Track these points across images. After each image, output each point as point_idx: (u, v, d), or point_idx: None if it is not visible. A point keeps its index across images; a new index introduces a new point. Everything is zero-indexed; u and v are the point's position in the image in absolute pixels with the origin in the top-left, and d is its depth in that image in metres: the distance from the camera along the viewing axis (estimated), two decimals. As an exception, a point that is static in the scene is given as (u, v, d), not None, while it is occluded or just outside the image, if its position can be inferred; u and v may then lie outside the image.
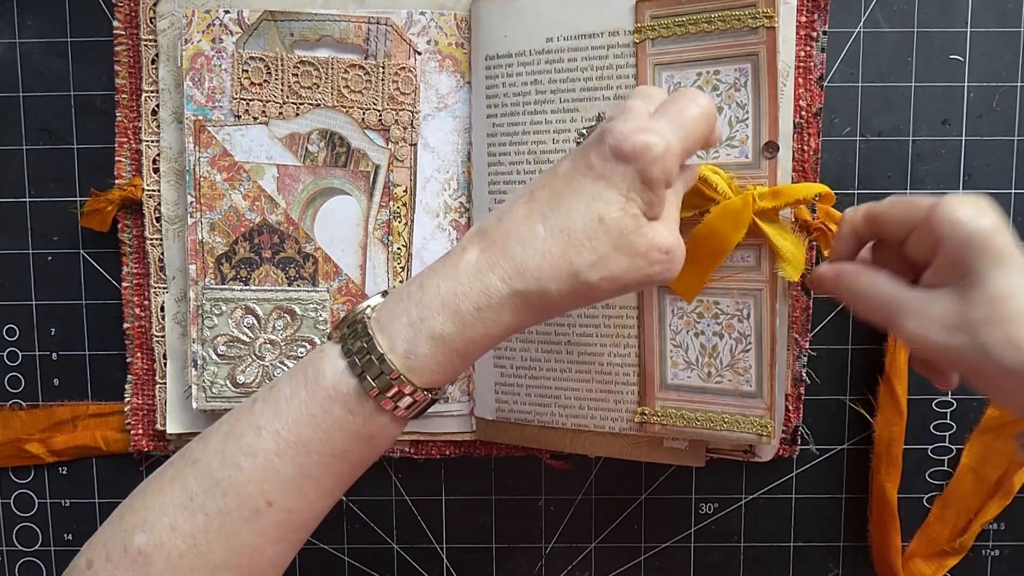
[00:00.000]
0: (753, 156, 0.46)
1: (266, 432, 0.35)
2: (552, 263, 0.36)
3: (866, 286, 0.40)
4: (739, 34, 0.45)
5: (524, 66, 0.50)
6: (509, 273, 0.36)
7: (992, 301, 0.35)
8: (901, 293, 0.39)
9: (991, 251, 0.35)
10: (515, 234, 0.36)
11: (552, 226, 0.36)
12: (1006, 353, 0.34)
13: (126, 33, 0.53)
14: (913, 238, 0.39)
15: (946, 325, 0.36)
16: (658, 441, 0.52)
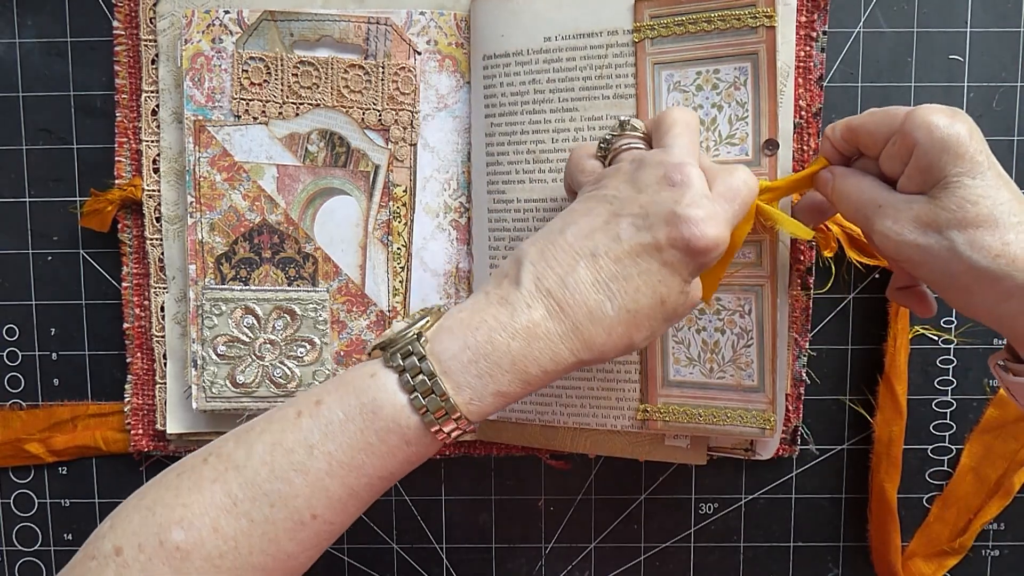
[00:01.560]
0: (753, 154, 0.46)
1: (319, 452, 0.36)
2: (616, 340, 0.38)
3: (852, 185, 0.42)
4: (739, 33, 0.46)
5: (522, 66, 0.50)
6: (579, 347, 0.38)
7: (961, 204, 0.37)
8: (882, 194, 0.40)
9: (963, 156, 0.37)
10: (584, 308, 0.38)
11: (620, 307, 0.38)
12: (973, 253, 0.37)
13: (126, 33, 0.53)
14: (888, 148, 0.40)
15: (919, 225, 0.38)
16: (659, 439, 0.52)
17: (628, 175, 0.39)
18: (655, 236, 0.37)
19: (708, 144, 0.47)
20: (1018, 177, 0.53)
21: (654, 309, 0.38)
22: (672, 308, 0.39)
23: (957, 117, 0.38)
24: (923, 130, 0.38)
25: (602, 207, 0.39)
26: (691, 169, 0.38)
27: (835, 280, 0.54)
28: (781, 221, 0.44)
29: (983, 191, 0.37)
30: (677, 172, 0.38)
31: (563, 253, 0.38)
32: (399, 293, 0.53)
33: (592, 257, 0.38)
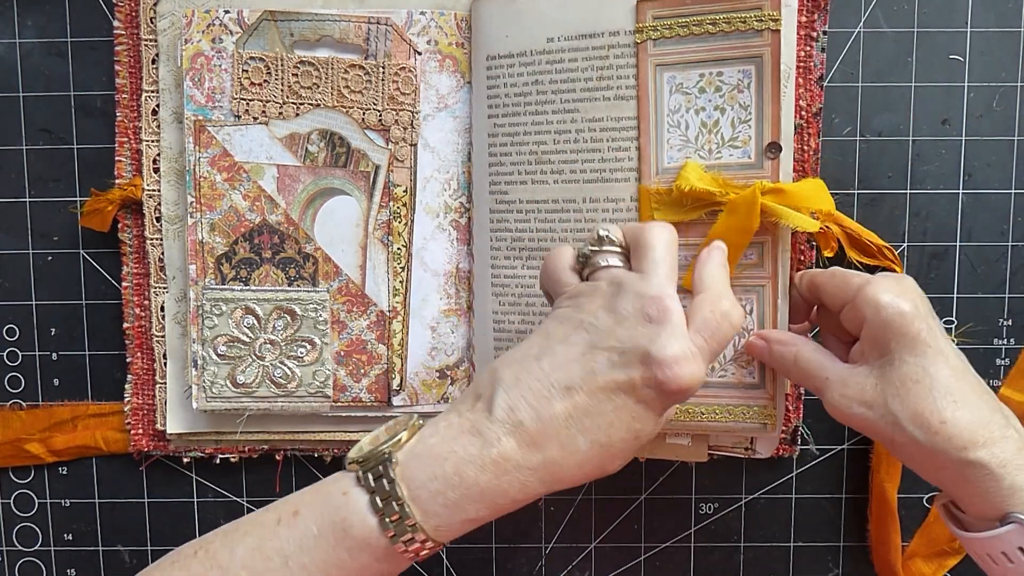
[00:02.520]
0: (756, 157, 0.46)
1: (293, 563, 0.37)
2: (588, 471, 0.38)
3: (795, 355, 0.44)
4: (744, 36, 0.45)
5: (525, 66, 0.50)
6: (549, 479, 0.38)
7: (903, 382, 0.39)
8: (826, 366, 0.43)
9: (906, 336, 0.39)
10: (556, 440, 0.37)
11: (592, 441, 0.37)
12: (914, 429, 0.39)
13: (126, 33, 0.53)
14: (845, 312, 0.42)
15: (864, 400, 0.41)
16: (661, 437, 0.52)
17: (606, 300, 0.39)
18: (630, 375, 0.37)
19: (711, 147, 0.47)
20: (1018, 177, 0.53)
21: (627, 443, 0.38)
22: (647, 439, 0.39)
23: (904, 294, 0.40)
24: (870, 307, 0.40)
25: (579, 336, 0.38)
26: (668, 303, 0.38)
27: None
28: (785, 216, 0.44)
29: (924, 369, 0.39)
30: (654, 306, 0.37)
31: (538, 383, 0.38)
32: (399, 293, 0.53)
33: (567, 390, 0.37)
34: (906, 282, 0.41)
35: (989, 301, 0.54)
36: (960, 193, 0.53)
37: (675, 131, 0.47)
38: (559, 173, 0.50)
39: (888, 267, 0.52)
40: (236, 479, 0.57)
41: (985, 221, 0.53)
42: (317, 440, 0.55)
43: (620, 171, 0.49)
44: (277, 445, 0.56)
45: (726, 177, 0.46)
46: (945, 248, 0.54)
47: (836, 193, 0.53)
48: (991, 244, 0.54)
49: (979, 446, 0.38)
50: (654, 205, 0.48)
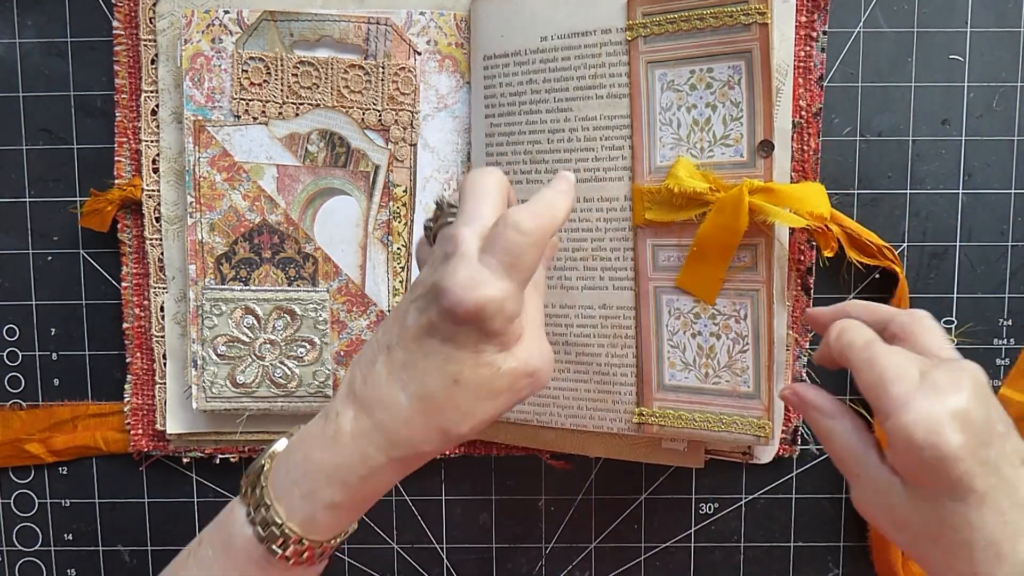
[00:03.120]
0: (748, 155, 0.46)
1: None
2: (420, 430, 0.36)
3: (831, 431, 0.39)
4: (732, 31, 0.45)
5: (520, 66, 0.50)
6: (383, 444, 0.36)
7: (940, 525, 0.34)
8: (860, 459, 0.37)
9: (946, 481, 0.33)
10: (379, 401, 0.36)
11: (412, 394, 0.36)
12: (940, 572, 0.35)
13: (126, 33, 0.53)
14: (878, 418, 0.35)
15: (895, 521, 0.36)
16: (657, 442, 0.52)
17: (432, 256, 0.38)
18: (430, 316, 0.35)
19: (703, 145, 0.47)
20: (1018, 177, 0.53)
21: (449, 390, 0.36)
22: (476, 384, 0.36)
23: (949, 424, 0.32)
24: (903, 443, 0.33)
25: (407, 296, 0.38)
26: (461, 233, 0.35)
27: (835, 280, 0.54)
28: (774, 214, 0.44)
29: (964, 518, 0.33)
30: (450, 243, 0.36)
31: (371, 351, 0.38)
32: (399, 293, 0.53)
33: (387, 350, 0.37)
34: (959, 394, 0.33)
35: (989, 301, 0.54)
36: (960, 193, 0.53)
37: (667, 129, 0.47)
38: (553, 172, 0.50)
39: (888, 267, 0.52)
40: (236, 479, 0.57)
41: (985, 221, 0.53)
42: (317, 440, 0.55)
43: (613, 170, 0.49)
44: (277, 445, 0.56)
45: (718, 176, 0.46)
46: (945, 248, 0.54)
47: (836, 193, 0.53)
48: (991, 244, 0.53)
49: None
50: (647, 204, 0.48)
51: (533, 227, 0.35)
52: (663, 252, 0.48)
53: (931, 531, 0.34)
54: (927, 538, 0.35)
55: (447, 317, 0.35)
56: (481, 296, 0.34)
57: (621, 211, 0.49)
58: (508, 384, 0.36)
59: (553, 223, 0.36)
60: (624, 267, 0.49)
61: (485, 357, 0.36)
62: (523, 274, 0.35)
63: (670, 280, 0.48)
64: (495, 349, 0.36)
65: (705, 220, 0.46)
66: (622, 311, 0.50)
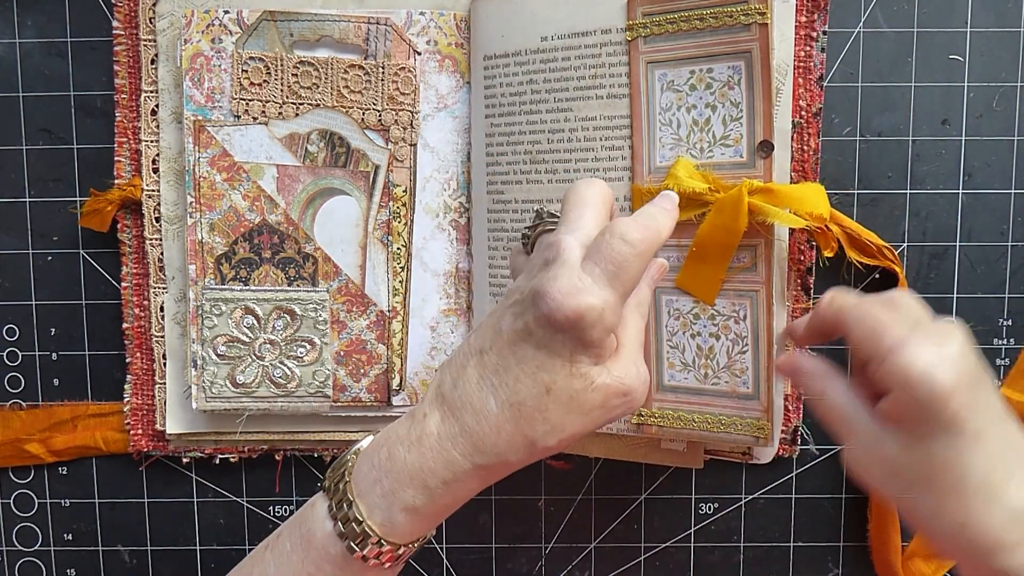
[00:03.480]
0: (748, 155, 0.46)
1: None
2: (508, 438, 0.36)
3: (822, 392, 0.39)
4: (732, 31, 0.45)
5: (520, 66, 0.50)
6: (469, 450, 0.36)
7: (933, 467, 0.34)
8: (853, 417, 0.37)
9: (940, 418, 0.33)
10: (469, 406, 0.36)
11: (503, 401, 0.35)
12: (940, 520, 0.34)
13: (126, 33, 0.53)
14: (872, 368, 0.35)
15: (888, 470, 0.36)
16: (656, 442, 0.52)
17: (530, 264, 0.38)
18: (526, 320, 0.35)
19: (702, 145, 0.47)
20: (1018, 177, 0.53)
21: (540, 399, 0.35)
22: (567, 396, 0.35)
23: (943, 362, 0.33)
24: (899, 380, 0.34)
25: (503, 301, 0.37)
26: (564, 240, 0.36)
27: (835, 280, 0.54)
28: (773, 214, 0.44)
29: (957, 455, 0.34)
30: (551, 250, 0.36)
31: (462, 355, 0.37)
32: (399, 293, 0.53)
33: (480, 354, 0.37)
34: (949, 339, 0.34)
35: (989, 301, 0.54)
36: (960, 193, 0.53)
37: (667, 129, 0.47)
38: (553, 172, 0.50)
39: (888, 267, 0.52)
40: (236, 479, 0.57)
41: (985, 221, 0.53)
42: (317, 440, 0.55)
43: (613, 170, 0.49)
44: (277, 445, 0.56)
45: (718, 176, 0.46)
46: (945, 248, 0.54)
47: (836, 193, 0.53)
48: (991, 244, 0.53)
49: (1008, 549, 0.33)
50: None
51: (640, 238, 0.35)
52: (663, 252, 0.48)
53: (923, 475, 0.34)
54: (920, 483, 0.34)
55: (545, 322, 0.34)
56: (582, 303, 0.34)
57: (621, 211, 0.49)
58: (601, 400, 0.36)
59: (659, 237, 0.36)
60: (624, 267, 0.49)
61: (580, 368, 0.35)
62: (626, 286, 0.35)
63: (669, 280, 0.48)
64: (590, 361, 0.35)
65: (704, 220, 0.46)
66: (622, 311, 0.50)
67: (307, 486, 0.57)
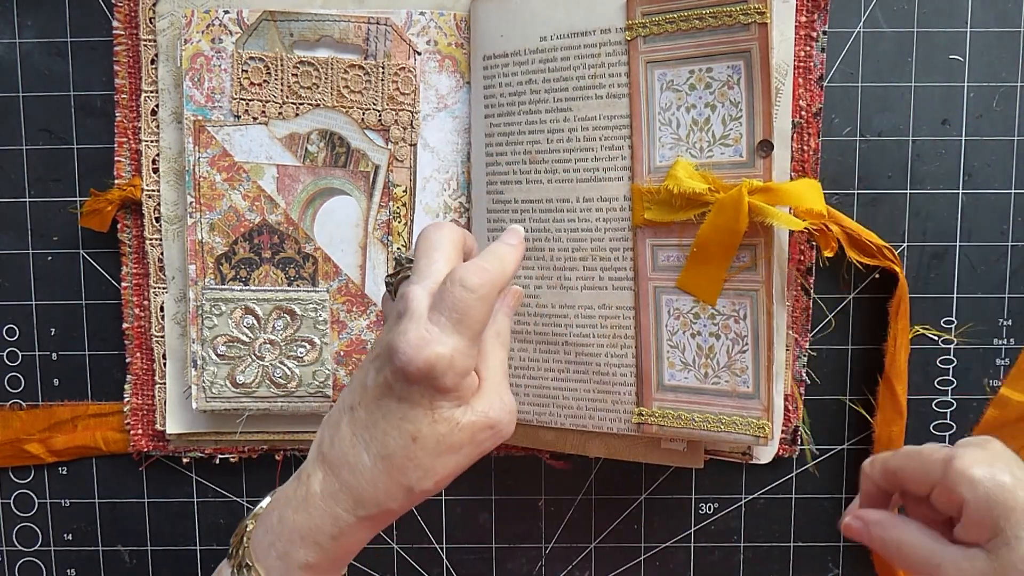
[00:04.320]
0: (747, 155, 0.46)
1: None
2: (385, 488, 0.37)
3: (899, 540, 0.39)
4: (731, 31, 0.45)
5: (519, 66, 0.50)
6: (351, 504, 0.37)
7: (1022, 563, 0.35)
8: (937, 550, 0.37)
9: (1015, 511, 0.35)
10: (346, 463, 0.37)
11: (375, 454, 0.37)
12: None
13: (126, 33, 0.53)
14: (936, 494, 0.38)
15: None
16: (656, 442, 0.52)
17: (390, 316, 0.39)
18: (385, 375, 0.36)
19: (702, 145, 0.47)
20: (1018, 177, 0.53)
21: (408, 448, 0.36)
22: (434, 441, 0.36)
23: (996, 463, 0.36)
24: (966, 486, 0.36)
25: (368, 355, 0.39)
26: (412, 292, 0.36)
27: (835, 280, 0.54)
28: (772, 215, 0.44)
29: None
30: (402, 302, 0.37)
31: (337, 411, 0.39)
32: (399, 293, 0.53)
33: (350, 410, 0.38)
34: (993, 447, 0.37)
35: (989, 301, 0.54)
36: (960, 193, 0.53)
37: (667, 129, 0.47)
38: (553, 172, 0.50)
39: (888, 267, 0.52)
40: (236, 479, 0.57)
41: (985, 221, 0.53)
42: (317, 440, 0.55)
43: (613, 170, 0.49)
44: (277, 445, 0.56)
45: (717, 176, 0.46)
46: (945, 248, 0.54)
47: (836, 193, 0.53)
48: (991, 244, 0.53)
49: None
50: (646, 204, 0.48)
51: (479, 282, 0.36)
52: (662, 252, 0.48)
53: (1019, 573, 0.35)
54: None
55: (400, 375, 0.35)
56: (430, 354, 0.35)
57: (620, 211, 0.49)
58: (468, 437, 0.37)
59: (502, 276, 0.37)
60: (623, 267, 0.49)
61: (442, 413, 0.36)
62: (473, 329, 0.36)
63: (670, 280, 0.48)
64: (451, 405, 0.36)
65: (705, 221, 0.46)
66: (621, 311, 0.50)
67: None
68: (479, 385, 0.38)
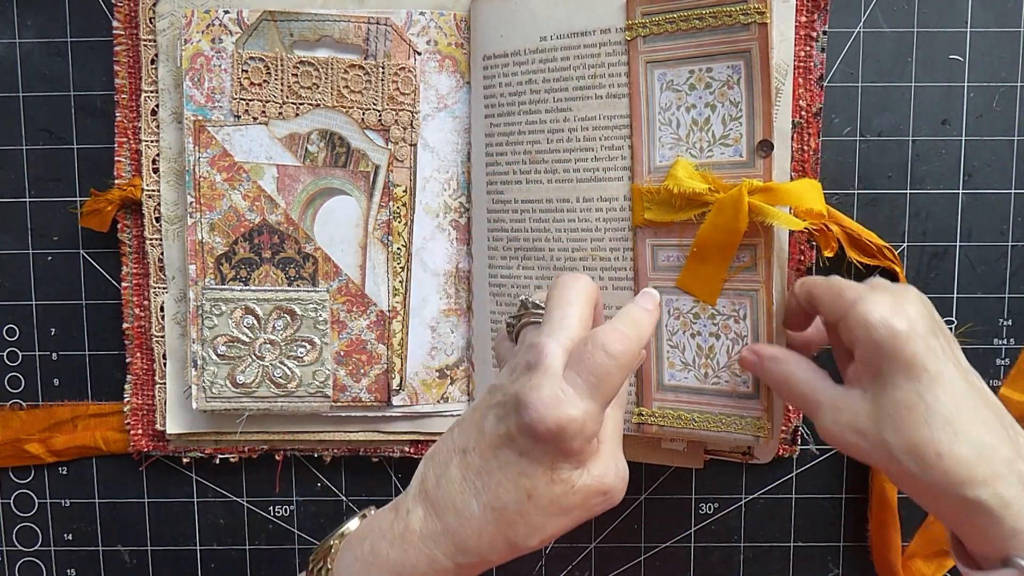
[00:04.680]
0: (748, 155, 0.46)
1: None
2: (490, 540, 0.36)
3: (786, 375, 0.41)
4: (731, 31, 0.45)
5: (519, 66, 0.50)
6: (452, 550, 0.36)
7: (898, 409, 0.36)
8: (818, 388, 0.39)
9: (899, 359, 0.36)
10: (452, 506, 0.36)
11: (485, 504, 0.36)
12: (907, 459, 0.35)
13: (126, 33, 0.53)
14: (839, 328, 0.38)
15: (856, 428, 0.37)
16: (656, 442, 0.52)
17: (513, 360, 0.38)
18: (508, 426, 0.35)
19: (702, 145, 0.47)
20: (1018, 177, 0.53)
21: (522, 504, 0.35)
22: (548, 500, 0.35)
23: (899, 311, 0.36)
24: (861, 327, 0.37)
25: (486, 398, 0.37)
26: (547, 347, 0.35)
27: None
28: (772, 215, 0.44)
29: (918, 395, 0.35)
30: (533, 353, 0.35)
31: (445, 450, 0.37)
32: (399, 293, 0.53)
33: (463, 453, 0.37)
34: (905, 295, 0.38)
35: (989, 301, 0.54)
36: (960, 193, 0.53)
37: (667, 129, 0.47)
38: (553, 172, 0.50)
39: (888, 267, 0.52)
40: (236, 479, 0.57)
41: (985, 221, 0.53)
42: (317, 440, 0.55)
43: (613, 170, 0.49)
44: (277, 445, 0.56)
45: (717, 176, 0.46)
46: (945, 248, 0.54)
47: (836, 193, 0.53)
48: (991, 244, 0.53)
49: (979, 483, 0.34)
50: (646, 204, 0.48)
51: (621, 350, 0.35)
52: (662, 252, 0.48)
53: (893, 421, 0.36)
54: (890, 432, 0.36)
55: (526, 432, 0.34)
56: (564, 415, 0.34)
57: (620, 211, 0.49)
58: (581, 501, 0.36)
59: (640, 343, 0.37)
60: (623, 267, 0.49)
61: (561, 474, 0.35)
62: (607, 396, 0.35)
63: (669, 280, 0.48)
64: (571, 467, 0.35)
65: (705, 221, 0.46)
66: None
67: (307, 486, 0.57)
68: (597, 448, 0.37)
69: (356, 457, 0.56)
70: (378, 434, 0.55)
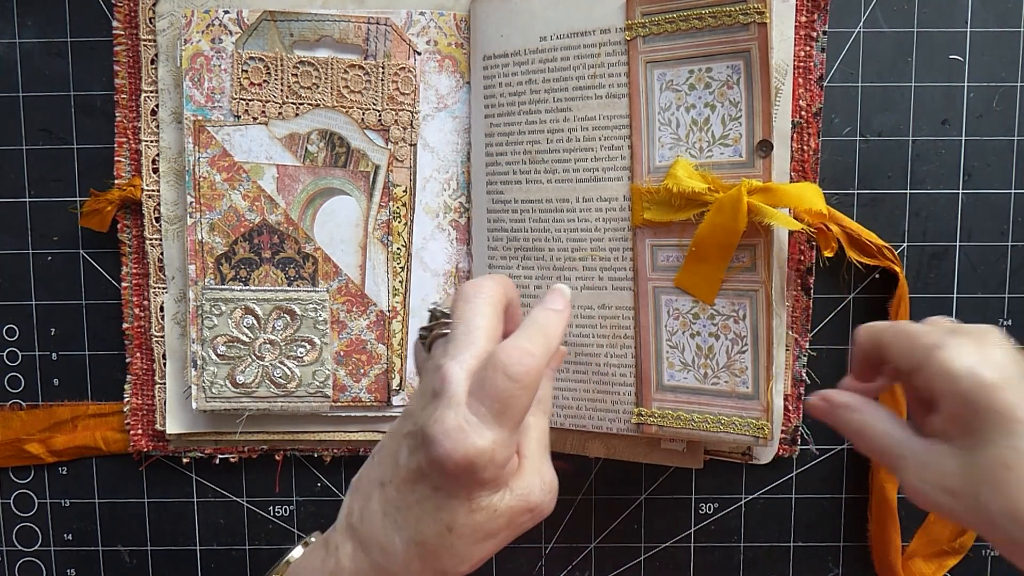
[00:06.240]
0: (747, 155, 0.46)
1: None
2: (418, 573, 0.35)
3: (863, 425, 0.37)
4: (731, 31, 0.45)
5: (519, 65, 0.50)
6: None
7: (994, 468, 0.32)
8: (901, 442, 0.36)
9: (991, 410, 0.32)
10: (376, 542, 0.35)
11: (407, 539, 0.34)
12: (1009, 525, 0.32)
13: (125, 33, 0.53)
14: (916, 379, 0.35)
15: (947, 488, 0.33)
16: (656, 442, 0.52)
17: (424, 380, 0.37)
18: (419, 460, 0.34)
19: (701, 145, 0.47)
20: (1018, 177, 0.53)
21: (443, 538, 0.34)
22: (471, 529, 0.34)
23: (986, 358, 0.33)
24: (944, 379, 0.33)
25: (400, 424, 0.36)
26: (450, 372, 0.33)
27: (835, 280, 0.54)
28: (771, 215, 0.44)
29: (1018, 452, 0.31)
30: (438, 379, 0.34)
31: (367, 481, 0.36)
32: (399, 293, 0.53)
33: (381, 486, 0.35)
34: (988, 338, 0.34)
35: (989, 301, 0.54)
36: (960, 193, 0.53)
37: (666, 129, 0.47)
38: (553, 172, 0.50)
39: (888, 267, 0.52)
40: (236, 479, 0.57)
41: (985, 221, 0.53)
42: (317, 440, 0.55)
43: (613, 170, 0.49)
44: (277, 445, 0.56)
45: (717, 176, 0.46)
46: (945, 248, 0.54)
47: (836, 193, 0.53)
48: (991, 244, 0.53)
49: None
50: (646, 204, 0.48)
51: (523, 371, 0.33)
52: (662, 252, 0.48)
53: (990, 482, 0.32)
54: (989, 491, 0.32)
55: (435, 468, 0.33)
56: (471, 448, 0.32)
57: (620, 211, 0.49)
58: (506, 523, 0.35)
59: (548, 352, 0.35)
60: (623, 267, 0.49)
61: (480, 502, 0.34)
62: (514, 420, 0.33)
63: (669, 280, 0.48)
64: (489, 492, 0.34)
65: (704, 220, 0.46)
66: (621, 311, 0.50)
67: (307, 486, 0.57)
68: (519, 464, 0.36)
69: (356, 457, 0.56)
70: (378, 434, 0.55)
